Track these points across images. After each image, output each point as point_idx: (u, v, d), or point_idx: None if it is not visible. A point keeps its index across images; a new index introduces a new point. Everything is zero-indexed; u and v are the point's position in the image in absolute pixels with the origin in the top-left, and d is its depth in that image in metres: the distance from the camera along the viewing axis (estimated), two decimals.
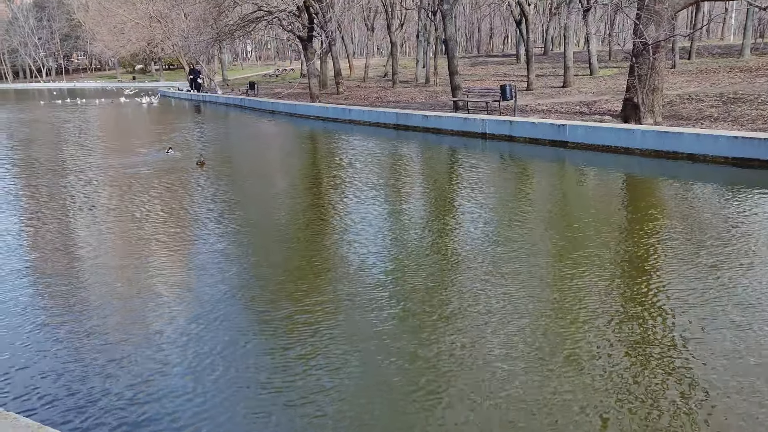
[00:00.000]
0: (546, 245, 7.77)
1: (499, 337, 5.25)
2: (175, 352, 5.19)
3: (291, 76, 56.72)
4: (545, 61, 39.24)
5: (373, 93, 33.68)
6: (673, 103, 18.86)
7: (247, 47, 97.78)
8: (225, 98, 41.48)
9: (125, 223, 9.62)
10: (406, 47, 69.73)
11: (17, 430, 3.28)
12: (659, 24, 16.00)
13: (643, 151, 14.47)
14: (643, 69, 16.46)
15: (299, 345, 5.23)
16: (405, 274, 6.90)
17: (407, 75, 39.91)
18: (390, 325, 5.56)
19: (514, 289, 6.32)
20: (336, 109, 27.00)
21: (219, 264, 7.43)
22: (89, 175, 14.18)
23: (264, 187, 12.85)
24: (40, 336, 5.59)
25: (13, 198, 11.88)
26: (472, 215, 9.57)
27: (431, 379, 4.65)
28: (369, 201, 10.83)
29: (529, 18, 27.35)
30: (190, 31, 43.64)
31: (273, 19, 31.55)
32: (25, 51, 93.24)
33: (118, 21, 55.66)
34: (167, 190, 12.37)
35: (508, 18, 57.52)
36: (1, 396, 4.62)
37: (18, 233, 9.31)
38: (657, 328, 5.37)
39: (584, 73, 29.46)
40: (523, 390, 4.45)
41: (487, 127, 18.62)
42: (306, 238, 8.67)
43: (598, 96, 22.65)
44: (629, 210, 9.83)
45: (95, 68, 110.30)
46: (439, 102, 26.32)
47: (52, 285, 6.93)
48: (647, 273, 6.71)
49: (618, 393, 4.38)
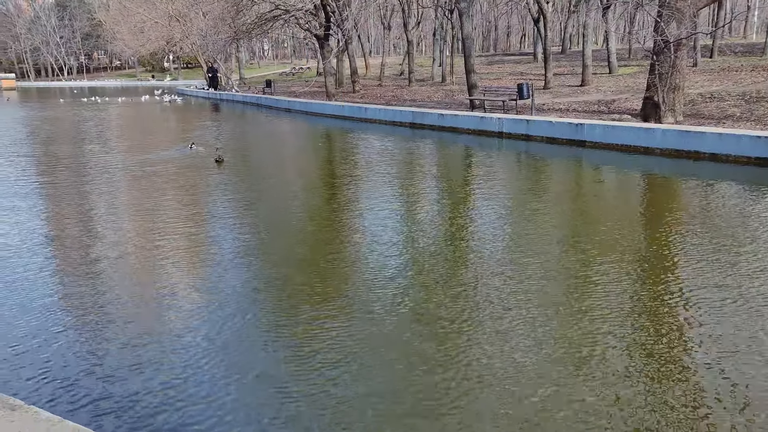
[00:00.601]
0: (570, 247, 7.64)
1: (529, 339, 5.16)
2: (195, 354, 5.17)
3: (307, 75, 56.87)
4: (563, 59, 38.86)
5: (389, 91, 33.62)
6: (695, 102, 18.55)
7: (264, 46, 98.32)
8: (242, 96, 41.69)
9: (147, 216, 9.67)
10: (423, 46, 69.60)
11: (38, 423, 3.29)
12: (681, 21, 15.73)
13: (663, 150, 14.24)
14: (663, 67, 16.20)
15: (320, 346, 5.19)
16: (430, 275, 6.83)
17: (423, 74, 39.78)
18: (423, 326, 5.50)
19: (545, 293, 6.21)
20: (352, 107, 26.98)
21: (234, 260, 7.43)
22: (120, 169, 14.59)
23: (282, 184, 12.85)
24: (62, 328, 5.61)
25: (48, 189, 12.01)
26: (492, 216, 9.44)
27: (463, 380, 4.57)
28: (388, 200, 10.77)
29: (547, 16, 27.08)
30: (208, 30, 43.92)
31: (290, 18, 31.64)
32: (47, 50, 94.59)
33: (137, 20, 56.21)
34: (190, 187, 12.44)
35: (525, 16, 57.08)
36: (31, 391, 4.63)
37: (53, 223, 9.39)
38: (692, 332, 5.24)
39: (603, 72, 29.12)
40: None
41: (504, 126, 18.46)
42: (326, 236, 8.64)
43: (617, 95, 22.36)
44: (653, 210, 9.66)
45: (115, 67, 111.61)
46: (456, 101, 26.18)
47: (70, 278, 6.97)
48: (675, 274, 6.56)
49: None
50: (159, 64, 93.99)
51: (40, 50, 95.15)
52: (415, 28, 40.71)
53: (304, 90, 39.23)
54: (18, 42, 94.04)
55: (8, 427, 3.24)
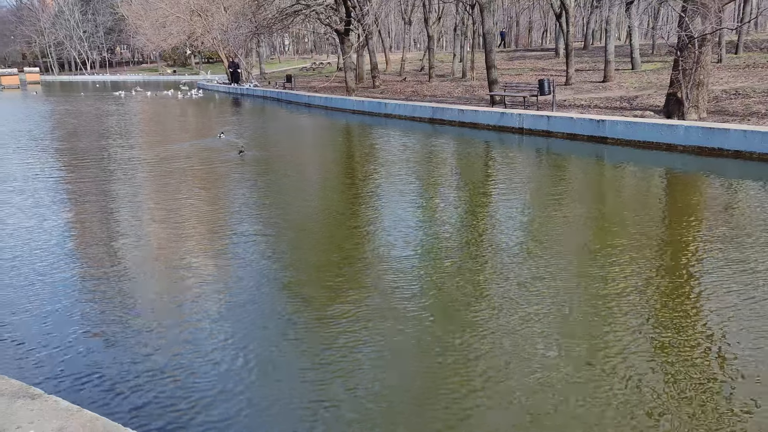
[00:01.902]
0: (595, 244, 7.64)
1: (551, 338, 5.20)
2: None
3: (327, 70, 56.97)
4: (585, 55, 38.45)
5: (409, 87, 33.58)
6: (719, 99, 18.29)
7: (284, 41, 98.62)
8: (263, 91, 41.93)
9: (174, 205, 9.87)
10: (443, 41, 69.24)
11: (57, 412, 3.39)
12: (706, 17, 15.52)
13: (686, 147, 14.09)
14: (688, 63, 16.00)
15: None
16: (455, 270, 6.89)
17: (444, 69, 39.62)
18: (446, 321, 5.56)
19: (570, 294, 6.23)
20: (372, 102, 27.03)
21: (253, 251, 7.56)
22: (156, 156, 15.52)
23: (305, 178, 12.97)
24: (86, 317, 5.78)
25: (83, 175, 12.30)
26: (514, 213, 9.45)
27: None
28: (411, 197, 10.83)
29: (569, 11, 26.82)
30: (229, 25, 44.23)
31: (311, 13, 31.74)
32: (70, 44, 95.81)
33: (159, 15, 56.73)
34: (219, 174, 12.67)
35: (547, 11, 56.57)
36: (53, 380, 4.78)
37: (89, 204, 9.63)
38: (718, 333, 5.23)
39: (626, 68, 28.77)
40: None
41: (525, 122, 18.38)
42: (347, 231, 8.74)
43: (639, 91, 22.12)
44: (679, 207, 9.59)
45: (137, 61, 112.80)
46: (476, 96, 26.09)
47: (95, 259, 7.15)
48: (704, 273, 6.54)
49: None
50: (180, 59, 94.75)
51: (63, 44, 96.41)
52: (436, 23, 40.53)
53: (324, 85, 39.32)
54: (42, 36, 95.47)
55: (28, 415, 3.36)
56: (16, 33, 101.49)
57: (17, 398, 3.53)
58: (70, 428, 3.23)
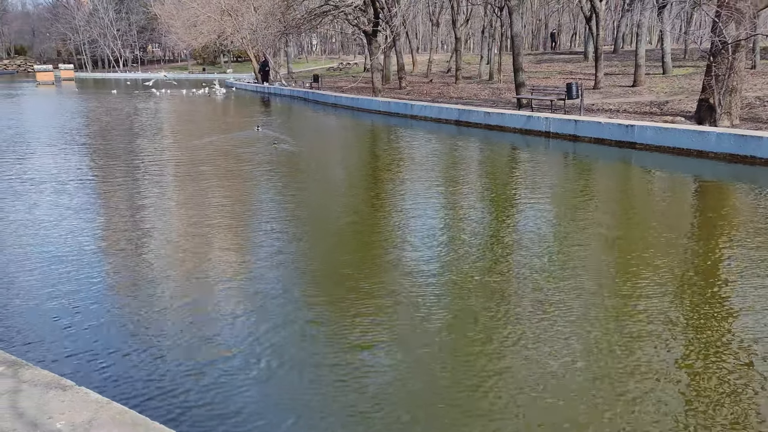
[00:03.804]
0: (625, 255, 7.57)
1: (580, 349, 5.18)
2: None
3: (354, 70, 57.14)
4: (615, 59, 37.93)
5: (435, 88, 33.52)
6: (752, 106, 17.92)
7: (312, 41, 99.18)
8: (290, 90, 42.26)
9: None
10: (471, 43, 68.97)
11: (87, 404, 3.49)
12: (740, 22, 15.22)
13: (717, 154, 13.84)
14: (721, 69, 15.71)
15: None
16: (484, 277, 6.89)
17: (471, 71, 39.46)
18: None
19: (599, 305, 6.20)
20: (398, 103, 27.05)
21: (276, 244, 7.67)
22: (206, 144, 17.11)
23: (334, 177, 13.10)
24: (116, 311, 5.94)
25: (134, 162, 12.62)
26: (542, 218, 9.39)
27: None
28: (439, 200, 10.85)
29: (600, 14, 26.49)
30: (258, 25, 44.66)
31: (339, 14, 31.89)
32: (104, 42, 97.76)
33: (191, 14, 57.45)
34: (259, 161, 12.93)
35: (577, 14, 55.94)
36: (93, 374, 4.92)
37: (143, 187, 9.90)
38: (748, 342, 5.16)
39: (656, 72, 28.32)
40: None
41: (552, 125, 18.23)
42: (377, 234, 8.80)
43: (670, 96, 21.77)
44: (713, 216, 9.45)
45: (168, 59, 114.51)
46: (503, 99, 25.95)
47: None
48: (733, 286, 6.44)
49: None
50: (210, 58, 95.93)
51: (97, 42, 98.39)
52: (464, 25, 40.42)
53: (350, 85, 39.46)
54: (77, 34, 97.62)
55: (59, 407, 3.47)
56: (51, 30, 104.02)
57: (49, 389, 3.65)
58: (100, 420, 3.33)
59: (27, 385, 3.69)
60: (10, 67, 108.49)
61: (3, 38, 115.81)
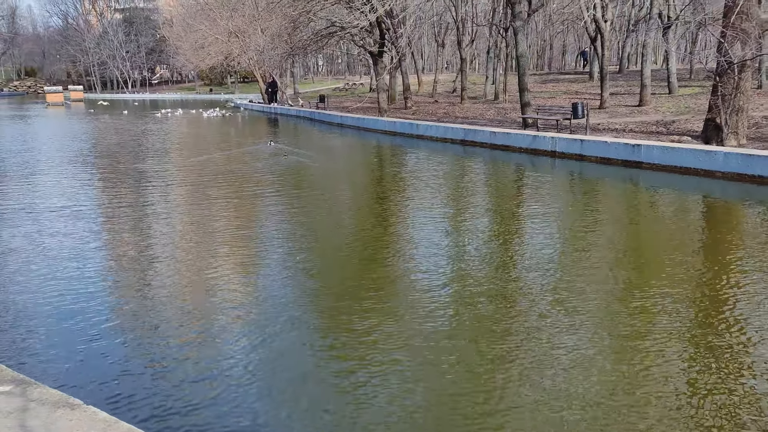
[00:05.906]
0: (635, 276, 7.52)
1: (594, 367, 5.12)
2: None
3: (360, 91, 57.55)
4: (620, 79, 38.10)
5: (441, 108, 33.70)
6: (759, 125, 17.90)
7: (318, 61, 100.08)
8: (296, 111, 42.55)
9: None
10: (476, 63, 69.39)
11: (95, 423, 3.47)
12: (746, 42, 15.27)
13: (724, 174, 13.79)
14: (727, 88, 15.74)
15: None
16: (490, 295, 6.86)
17: (476, 91, 39.69)
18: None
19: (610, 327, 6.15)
20: (404, 123, 27.18)
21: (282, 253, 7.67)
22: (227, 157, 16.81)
23: (343, 195, 13.12)
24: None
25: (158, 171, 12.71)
26: (548, 240, 9.36)
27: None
28: (446, 221, 10.84)
29: (605, 35, 26.66)
30: (265, 46, 45.12)
31: (345, 35, 32.18)
32: (113, 63, 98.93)
33: (199, 36, 58.14)
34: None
35: (582, 35, 56.32)
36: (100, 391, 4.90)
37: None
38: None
39: (662, 92, 28.39)
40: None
41: (557, 145, 18.25)
42: (385, 253, 8.79)
43: (676, 116, 21.79)
44: (721, 236, 9.39)
45: (176, 81, 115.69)
46: (508, 119, 26.04)
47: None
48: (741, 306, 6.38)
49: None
50: (217, 79, 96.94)
51: (107, 64, 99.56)
52: (469, 45, 40.67)
53: (356, 106, 39.72)
54: (87, 56, 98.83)
55: (67, 425, 3.44)
56: (61, 52, 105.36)
57: (57, 408, 3.62)
58: None
59: (35, 403, 3.67)
60: (21, 88, 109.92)
61: (14, 60, 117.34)
